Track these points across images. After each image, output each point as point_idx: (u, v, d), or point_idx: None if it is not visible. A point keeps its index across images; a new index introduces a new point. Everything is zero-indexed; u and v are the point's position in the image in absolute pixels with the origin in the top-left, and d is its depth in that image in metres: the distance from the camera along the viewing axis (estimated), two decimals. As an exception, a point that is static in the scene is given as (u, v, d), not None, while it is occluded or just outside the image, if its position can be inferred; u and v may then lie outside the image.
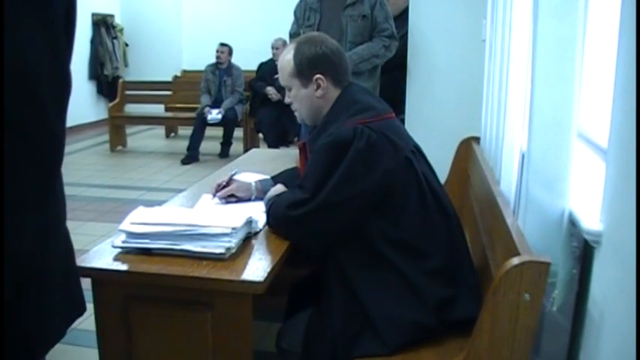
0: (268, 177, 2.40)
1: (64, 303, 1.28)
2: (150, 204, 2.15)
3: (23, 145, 1.06)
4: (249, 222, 1.91)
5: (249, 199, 2.33)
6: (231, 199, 2.33)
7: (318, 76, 2.01)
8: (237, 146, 7.96)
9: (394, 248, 1.83)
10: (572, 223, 1.64)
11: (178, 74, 9.76)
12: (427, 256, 1.84)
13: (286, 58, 2.05)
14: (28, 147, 1.07)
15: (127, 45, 10.58)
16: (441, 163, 2.30)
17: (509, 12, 2.26)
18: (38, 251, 1.15)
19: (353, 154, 1.80)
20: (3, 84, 1.00)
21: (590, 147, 1.86)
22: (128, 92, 8.75)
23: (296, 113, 2.15)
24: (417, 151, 1.96)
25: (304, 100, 2.05)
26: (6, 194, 1.05)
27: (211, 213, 2.04)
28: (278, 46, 7.40)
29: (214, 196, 2.35)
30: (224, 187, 2.34)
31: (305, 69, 2.01)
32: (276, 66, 7.50)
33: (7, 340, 1.13)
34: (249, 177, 2.47)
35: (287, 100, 2.13)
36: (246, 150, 7.20)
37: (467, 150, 2.93)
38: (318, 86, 2.01)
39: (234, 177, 2.39)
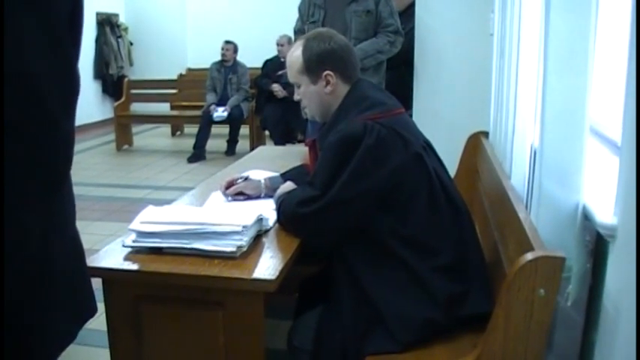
0: (277, 174, 2.39)
1: (72, 304, 1.27)
2: (157, 203, 2.15)
3: (29, 145, 1.06)
4: (260, 220, 1.90)
5: (258, 197, 2.32)
6: (239, 196, 2.32)
7: (327, 72, 2.00)
8: (243, 144, 7.96)
9: (403, 245, 1.82)
10: (586, 217, 1.62)
11: (183, 72, 9.76)
12: (437, 252, 1.83)
13: (295, 55, 2.04)
14: (33, 147, 1.06)
15: (131, 44, 10.59)
16: (449, 158, 2.29)
17: (519, 5, 2.25)
18: (43, 252, 1.14)
19: (363, 150, 1.79)
20: (4, 85, 0.99)
21: (604, 140, 1.85)
22: (133, 91, 8.76)
23: (305, 110, 2.13)
24: (428, 147, 1.95)
25: (313, 96, 2.04)
26: (12, 195, 1.05)
27: (222, 211, 2.03)
28: (283, 43, 7.40)
29: (223, 193, 2.34)
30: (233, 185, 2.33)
31: (314, 65, 2.00)
32: (281, 63, 7.60)
33: (11, 341, 1.12)
34: (259, 174, 2.46)
35: (296, 97, 2.12)
36: (252, 148, 7.20)
37: (475, 145, 2.92)
38: (327, 82, 2.00)
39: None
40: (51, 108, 1.09)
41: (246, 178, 2.35)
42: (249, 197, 2.32)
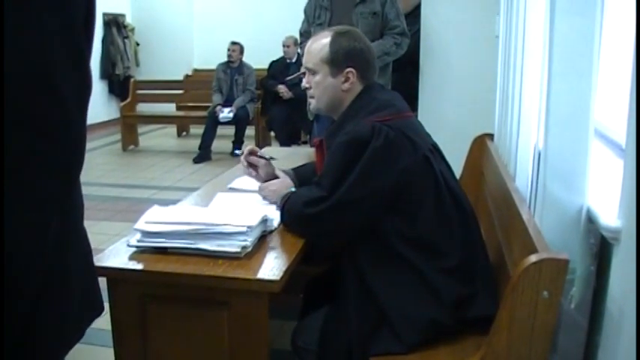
0: (289, 169, 2.37)
1: (81, 303, 1.28)
2: (162, 203, 2.15)
3: (49, 144, 1.07)
4: (265, 220, 1.91)
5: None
6: (252, 170, 2.33)
7: (349, 69, 2.01)
8: (248, 145, 7.94)
9: (411, 246, 1.82)
10: (590, 219, 1.62)
11: (190, 73, 9.78)
12: (444, 254, 1.84)
13: (322, 42, 2.04)
14: (52, 147, 1.07)
15: (138, 44, 10.60)
16: (455, 159, 2.30)
17: (524, 7, 2.25)
18: (60, 252, 1.15)
19: (371, 152, 1.80)
20: (21, 86, 1.00)
21: (608, 142, 1.85)
22: (140, 91, 8.77)
23: (310, 100, 2.12)
24: (435, 149, 1.95)
25: (328, 88, 2.04)
26: (31, 195, 1.06)
27: (226, 212, 2.03)
28: (289, 44, 7.42)
29: (245, 156, 2.37)
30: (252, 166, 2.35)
31: (340, 59, 2.01)
32: (287, 64, 7.59)
33: (24, 342, 1.13)
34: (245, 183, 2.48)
35: (305, 84, 2.11)
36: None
37: (481, 147, 2.92)
38: (347, 79, 2.01)
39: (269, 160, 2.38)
40: (70, 108, 1.10)
41: (269, 159, 2.35)
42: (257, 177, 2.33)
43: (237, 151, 7.06)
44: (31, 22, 1.00)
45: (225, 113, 7.61)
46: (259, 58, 8.19)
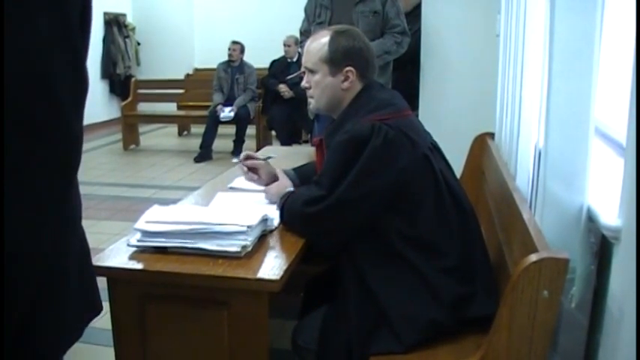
0: (290, 169, 2.36)
1: (80, 303, 1.28)
2: (163, 202, 2.15)
3: (45, 145, 1.06)
4: (265, 220, 1.91)
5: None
6: (253, 175, 2.31)
7: (349, 68, 2.00)
8: (249, 144, 7.95)
9: (411, 246, 1.82)
10: (590, 218, 1.62)
11: (190, 72, 9.79)
12: (444, 254, 1.84)
13: (321, 42, 2.04)
14: (51, 147, 1.07)
15: (139, 44, 10.59)
16: (455, 158, 2.30)
17: (524, 6, 2.25)
18: (56, 252, 1.15)
19: (370, 151, 1.80)
20: (20, 86, 1.00)
21: (609, 141, 1.84)
22: (140, 91, 8.77)
23: (310, 99, 2.12)
24: (435, 148, 1.95)
25: (327, 88, 2.04)
26: (31, 195, 1.06)
27: (226, 211, 2.03)
28: (290, 44, 7.42)
29: (240, 161, 2.33)
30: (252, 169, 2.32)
31: (339, 58, 2.01)
32: (288, 63, 7.59)
33: (23, 342, 1.13)
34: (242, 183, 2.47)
35: (304, 84, 2.11)
36: (258, 148, 7.20)
37: (481, 146, 2.91)
38: (346, 78, 2.01)
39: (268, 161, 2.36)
40: (66, 108, 1.10)
41: (267, 159, 2.34)
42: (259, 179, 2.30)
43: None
44: (31, 22, 1.00)
45: (226, 112, 7.61)
46: (260, 57, 8.20)
